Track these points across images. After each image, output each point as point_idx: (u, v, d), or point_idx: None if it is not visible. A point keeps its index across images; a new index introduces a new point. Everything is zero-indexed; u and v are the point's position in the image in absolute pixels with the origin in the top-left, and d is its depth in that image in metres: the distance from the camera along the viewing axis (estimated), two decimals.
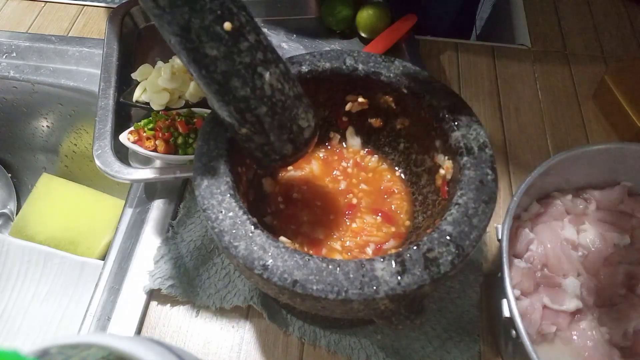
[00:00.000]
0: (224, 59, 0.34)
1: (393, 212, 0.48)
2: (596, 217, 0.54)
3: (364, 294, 0.32)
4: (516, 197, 0.48)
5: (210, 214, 0.36)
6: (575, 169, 0.54)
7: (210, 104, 0.39)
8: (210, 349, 0.50)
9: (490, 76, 0.75)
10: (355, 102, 0.49)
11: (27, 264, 0.76)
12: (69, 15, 0.84)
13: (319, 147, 0.53)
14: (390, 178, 0.51)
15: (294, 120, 0.39)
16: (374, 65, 0.46)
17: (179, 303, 0.53)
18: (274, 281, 0.33)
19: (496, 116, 0.71)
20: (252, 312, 0.52)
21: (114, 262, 0.56)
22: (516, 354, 0.44)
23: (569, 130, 0.69)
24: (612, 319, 0.46)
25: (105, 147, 0.59)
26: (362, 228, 0.47)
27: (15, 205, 0.90)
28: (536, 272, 0.49)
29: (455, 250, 0.34)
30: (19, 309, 0.75)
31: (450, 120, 0.42)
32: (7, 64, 0.76)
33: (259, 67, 0.35)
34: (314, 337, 0.50)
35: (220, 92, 0.36)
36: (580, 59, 0.79)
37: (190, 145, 0.61)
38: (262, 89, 0.36)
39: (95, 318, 0.52)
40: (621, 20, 0.85)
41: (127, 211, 0.60)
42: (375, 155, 0.52)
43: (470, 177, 0.38)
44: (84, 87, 0.73)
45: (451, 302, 0.52)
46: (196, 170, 0.39)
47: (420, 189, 0.49)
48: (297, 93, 0.39)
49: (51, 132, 0.84)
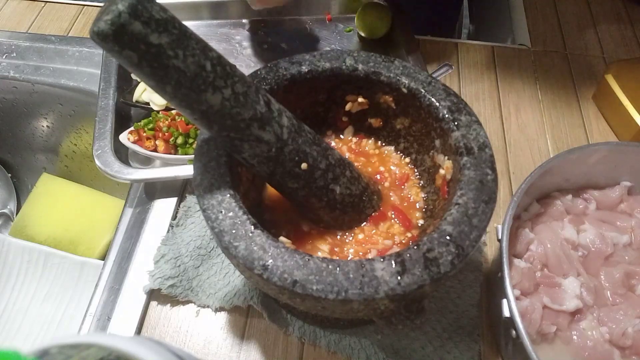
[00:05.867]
0: (302, 188, 0.41)
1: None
2: (596, 217, 0.54)
3: (364, 294, 0.32)
4: (516, 197, 0.48)
5: (210, 214, 0.36)
6: (575, 169, 0.54)
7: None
8: (210, 349, 0.50)
9: (490, 76, 0.75)
10: (355, 102, 0.49)
11: (27, 264, 0.76)
12: (69, 15, 0.84)
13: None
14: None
15: (362, 211, 0.45)
16: (374, 65, 0.46)
17: (179, 303, 0.53)
18: (274, 281, 0.33)
19: (496, 116, 0.71)
20: (252, 312, 0.52)
21: (114, 262, 0.56)
22: (516, 354, 0.44)
23: (569, 130, 0.69)
24: (612, 319, 0.46)
25: (105, 147, 0.59)
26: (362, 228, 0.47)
27: (15, 205, 0.90)
28: (536, 272, 0.49)
29: (455, 250, 0.34)
30: (19, 309, 0.75)
31: (450, 120, 0.42)
32: (7, 64, 0.76)
33: (331, 185, 0.42)
34: (314, 337, 0.50)
35: (302, 208, 0.45)
36: (580, 59, 0.79)
37: (190, 145, 0.61)
38: (334, 199, 0.43)
39: (95, 318, 0.52)
40: (621, 20, 0.85)
41: (127, 211, 0.60)
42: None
43: (470, 177, 0.38)
44: (84, 87, 0.74)
45: (451, 302, 0.52)
46: (196, 170, 0.39)
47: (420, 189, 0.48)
48: (362, 189, 0.45)
49: (51, 132, 0.84)
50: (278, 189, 0.43)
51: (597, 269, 0.50)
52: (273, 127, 0.37)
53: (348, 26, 0.79)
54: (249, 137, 0.36)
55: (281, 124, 0.38)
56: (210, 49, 0.33)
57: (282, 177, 0.40)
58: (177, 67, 0.30)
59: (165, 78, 0.31)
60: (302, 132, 0.40)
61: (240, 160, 0.39)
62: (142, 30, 0.28)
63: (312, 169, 0.41)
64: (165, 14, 0.30)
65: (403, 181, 0.49)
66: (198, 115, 0.34)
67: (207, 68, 0.32)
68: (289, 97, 0.45)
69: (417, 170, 0.49)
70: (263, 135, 0.37)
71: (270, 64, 0.46)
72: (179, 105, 0.33)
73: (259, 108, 0.36)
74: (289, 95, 0.45)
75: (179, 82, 0.31)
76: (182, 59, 0.30)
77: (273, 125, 0.37)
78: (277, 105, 0.38)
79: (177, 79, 0.31)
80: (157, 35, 0.29)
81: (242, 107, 0.35)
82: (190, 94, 0.32)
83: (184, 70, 0.31)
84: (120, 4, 0.27)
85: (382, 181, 0.49)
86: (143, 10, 0.28)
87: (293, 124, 0.39)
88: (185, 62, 0.31)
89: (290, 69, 0.45)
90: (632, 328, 0.45)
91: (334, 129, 0.52)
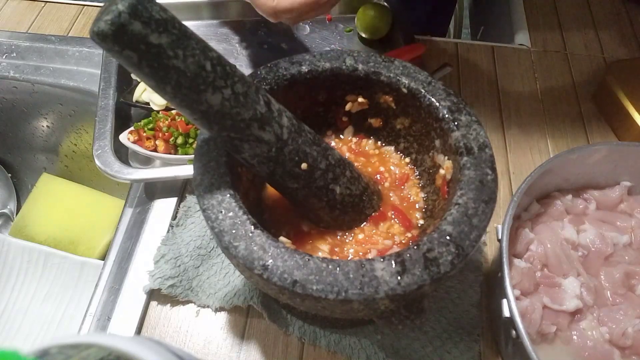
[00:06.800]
0: (302, 188, 0.41)
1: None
2: (596, 217, 0.54)
3: (364, 294, 0.32)
4: (516, 197, 0.48)
5: (210, 214, 0.36)
6: (575, 169, 0.54)
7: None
8: (210, 349, 0.50)
9: (490, 76, 0.75)
10: (355, 102, 0.49)
11: (27, 264, 0.76)
12: (69, 15, 0.84)
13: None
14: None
15: (362, 211, 0.45)
16: (374, 65, 0.46)
17: (179, 303, 0.53)
18: (274, 281, 0.33)
19: (496, 116, 0.71)
20: (252, 312, 0.52)
21: (114, 262, 0.56)
22: (516, 354, 0.44)
23: (569, 130, 0.69)
24: (612, 319, 0.46)
25: (105, 147, 0.59)
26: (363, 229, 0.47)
27: (15, 205, 0.90)
28: (536, 272, 0.49)
29: (455, 250, 0.34)
30: (19, 309, 0.75)
31: (450, 120, 0.42)
32: (7, 64, 0.76)
33: (331, 185, 0.42)
34: (314, 337, 0.50)
35: (302, 208, 0.45)
36: (580, 59, 0.79)
37: (190, 145, 0.61)
38: (334, 199, 0.43)
39: (95, 318, 0.52)
40: (621, 20, 0.85)
41: (127, 211, 0.60)
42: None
43: (470, 177, 0.38)
44: (84, 87, 0.74)
45: (451, 302, 0.52)
46: (196, 170, 0.39)
47: (420, 189, 0.48)
48: (362, 190, 0.45)
49: (51, 132, 0.84)
50: (278, 189, 0.43)
51: (597, 269, 0.50)
52: (273, 127, 0.37)
53: (348, 26, 0.79)
54: (249, 137, 0.36)
55: (281, 124, 0.38)
56: (210, 49, 0.33)
57: (282, 177, 0.40)
58: (177, 67, 0.30)
59: (165, 78, 0.31)
60: (302, 132, 0.40)
61: (240, 160, 0.39)
62: (142, 31, 0.28)
63: (312, 169, 0.41)
64: (165, 14, 0.30)
65: (403, 181, 0.49)
66: (198, 115, 0.34)
67: (207, 68, 0.32)
68: (289, 97, 0.45)
69: (417, 170, 0.49)
70: (263, 135, 0.37)
71: (270, 64, 0.46)
72: (179, 105, 0.33)
73: (259, 108, 0.36)
74: (289, 95, 0.45)
75: (179, 82, 0.31)
76: (182, 59, 0.30)
77: (273, 125, 0.37)
78: (277, 105, 0.38)
79: (177, 79, 0.31)
80: (157, 35, 0.29)
81: (242, 107, 0.35)
82: (190, 94, 0.32)
83: (184, 71, 0.31)
84: (120, 4, 0.27)
85: (382, 181, 0.49)
86: (143, 10, 0.28)
87: (293, 124, 0.39)
88: (185, 62, 0.31)
89: (290, 69, 0.45)
90: (632, 328, 0.45)
91: (334, 129, 0.52)
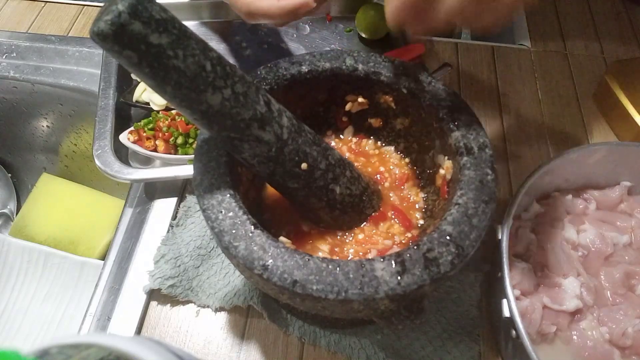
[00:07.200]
0: (302, 188, 0.41)
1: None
2: (596, 217, 0.54)
3: (364, 294, 0.32)
4: (516, 197, 0.48)
5: (210, 214, 0.36)
6: (575, 169, 0.54)
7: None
8: (210, 349, 0.50)
9: (490, 76, 0.75)
10: (355, 102, 0.49)
11: (27, 264, 0.76)
12: (69, 15, 0.84)
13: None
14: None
15: (362, 211, 0.45)
16: (374, 65, 0.46)
17: (179, 303, 0.53)
18: (274, 281, 0.33)
19: (496, 116, 0.71)
20: (252, 312, 0.52)
21: (114, 262, 0.56)
22: (516, 354, 0.44)
23: (569, 130, 0.69)
24: (612, 319, 0.46)
25: (105, 147, 0.59)
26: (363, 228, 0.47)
27: (15, 205, 0.90)
28: (536, 272, 0.49)
29: (455, 250, 0.34)
30: (19, 309, 0.75)
31: (450, 120, 0.42)
32: (7, 64, 0.76)
33: (331, 185, 0.42)
34: (314, 337, 0.50)
35: (302, 208, 0.45)
36: (580, 59, 0.79)
37: (190, 145, 0.61)
38: (334, 199, 0.43)
39: (95, 318, 0.52)
40: (621, 20, 0.85)
41: (127, 211, 0.60)
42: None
43: (470, 177, 0.38)
44: (84, 87, 0.73)
45: (451, 302, 0.52)
46: (196, 170, 0.39)
47: (420, 189, 0.48)
48: (362, 190, 0.45)
49: (51, 132, 0.84)
50: (278, 189, 0.43)
51: (597, 269, 0.50)
52: (273, 127, 0.37)
53: (348, 26, 0.79)
54: (249, 137, 0.36)
55: (281, 124, 0.38)
56: (210, 49, 0.33)
57: (282, 177, 0.40)
58: (177, 67, 0.30)
59: (166, 78, 0.31)
60: (302, 132, 0.40)
61: (240, 160, 0.39)
62: (142, 31, 0.28)
63: (312, 169, 0.41)
64: (165, 14, 0.30)
65: (403, 181, 0.49)
66: (198, 115, 0.34)
67: (207, 68, 0.32)
68: (289, 97, 0.45)
69: (417, 170, 0.49)
70: (263, 135, 0.37)
71: (270, 64, 0.46)
72: (179, 106, 0.33)
73: (259, 108, 0.36)
74: (289, 95, 0.45)
75: (179, 82, 0.31)
76: (182, 59, 0.30)
77: (273, 125, 0.37)
78: (277, 105, 0.38)
79: (177, 79, 0.31)
80: (157, 35, 0.29)
81: (242, 107, 0.35)
82: (190, 94, 0.32)
83: (184, 71, 0.31)
84: (120, 4, 0.27)
85: (382, 181, 0.49)
86: (143, 10, 0.28)
87: (293, 124, 0.39)
88: (185, 62, 0.31)
89: (290, 69, 0.45)
90: (632, 328, 0.45)
91: (334, 129, 0.52)
